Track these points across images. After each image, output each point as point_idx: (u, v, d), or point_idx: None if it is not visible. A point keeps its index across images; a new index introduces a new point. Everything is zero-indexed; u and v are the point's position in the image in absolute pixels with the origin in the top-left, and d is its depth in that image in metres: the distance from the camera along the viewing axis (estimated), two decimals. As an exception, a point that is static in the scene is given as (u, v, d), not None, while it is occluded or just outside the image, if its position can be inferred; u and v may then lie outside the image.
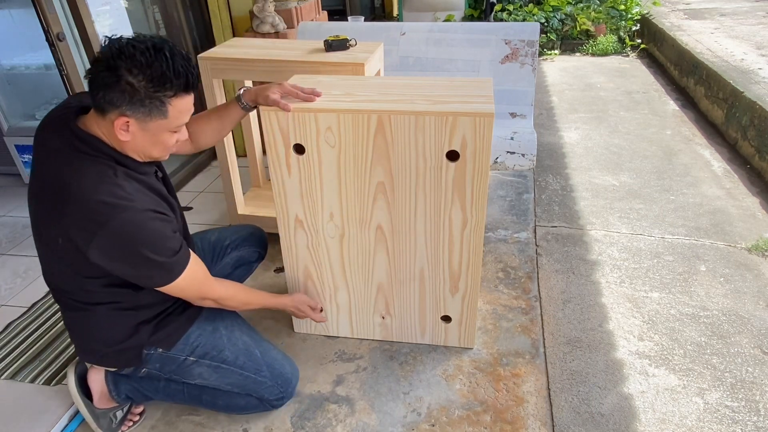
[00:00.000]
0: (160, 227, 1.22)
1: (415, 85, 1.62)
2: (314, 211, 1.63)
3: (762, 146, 2.90)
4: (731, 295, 2.04)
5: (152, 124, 1.17)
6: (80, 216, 1.14)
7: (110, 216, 1.13)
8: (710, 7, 5.88)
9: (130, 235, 1.16)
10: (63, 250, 1.20)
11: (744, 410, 1.59)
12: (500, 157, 2.39)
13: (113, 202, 1.14)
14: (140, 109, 1.14)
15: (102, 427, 1.53)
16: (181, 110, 1.20)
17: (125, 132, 1.17)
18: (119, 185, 1.17)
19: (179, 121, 1.21)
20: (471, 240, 1.59)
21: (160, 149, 1.25)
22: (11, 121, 3.04)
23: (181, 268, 1.27)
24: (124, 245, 1.17)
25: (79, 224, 1.15)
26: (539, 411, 1.60)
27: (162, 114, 1.17)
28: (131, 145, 1.21)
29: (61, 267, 1.28)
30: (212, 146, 1.67)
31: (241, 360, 1.48)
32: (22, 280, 2.25)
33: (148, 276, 1.25)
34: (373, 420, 1.59)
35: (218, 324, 1.51)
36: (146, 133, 1.19)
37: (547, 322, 1.94)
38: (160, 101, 1.15)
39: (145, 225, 1.18)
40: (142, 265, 1.21)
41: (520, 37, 2.55)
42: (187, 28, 3.24)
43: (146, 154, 1.25)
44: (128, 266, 1.22)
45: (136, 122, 1.16)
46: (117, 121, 1.15)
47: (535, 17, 5.38)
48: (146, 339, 1.39)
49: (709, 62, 3.81)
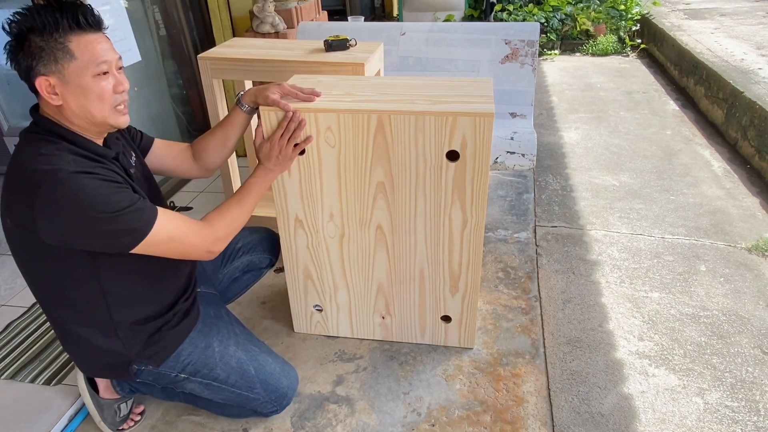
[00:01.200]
0: (97, 182, 1.13)
1: (415, 85, 1.62)
2: (314, 211, 1.63)
3: (762, 146, 2.90)
4: (731, 295, 2.04)
5: (67, 72, 1.12)
6: (18, 190, 1.12)
7: (42, 180, 1.08)
8: (710, 7, 5.88)
9: (62, 195, 1.09)
10: (16, 236, 1.18)
11: (744, 410, 1.59)
12: (500, 157, 2.39)
13: (46, 168, 1.10)
14: (47, 59, 1.10)
15: (106, 420, 1.53)
16: (88, 47, 1.13)
17: (54, 95, 1.14)
18: (56, 155, 1.13)
19: (94, 60, 1.14)
20: (471, 240, 1.59)
21: (96, 102, 1.17)
22: (11, 121, 3.04)
23: (146, 217, 1.18)
24: (64, 208, 1.10)
25: (18, 199, 1.13)
26: (539, 411, 1.60)
27: (68, 55, 1.11)
28: (69, 109, 1.16)
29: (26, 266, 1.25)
30: (220, 164, 1.62)
31: (233, 378, 1.46)
32: (22, 280, 2.24)
33: (107, 235, 1.15)
34: (373, 420, 1.59)
35: (212, 340, 1.47)
36: (70, 86, 1.13)
37: (547, 322, 1.94)
38: (58, 42, 1.10)
39: (78, 183, 1.10)
40: (92, 225, 1.13)
41: (520, 37, 2.55)
42: (187, 28, 3.24)
43: (87, 113, 1.17)
44: (77, 231, 1.13)
45: (55, 79, 1.12)
46: (38, 83, 1.12)
47: (535, 17, 5.38)
48: (134, 355, 1.36)
49: (709, 62, 3.81)
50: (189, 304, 1.47)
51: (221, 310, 1.61)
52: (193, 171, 1.60)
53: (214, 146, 1.58)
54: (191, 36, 3.28)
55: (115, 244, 1.17)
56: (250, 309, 2.05)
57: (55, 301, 1.30)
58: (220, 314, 1.58)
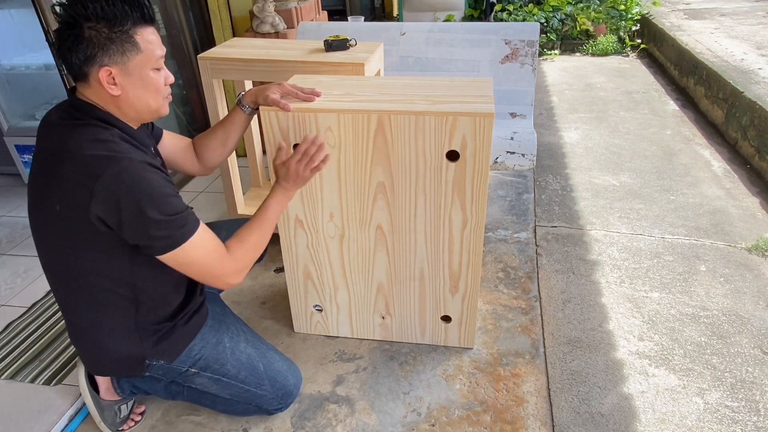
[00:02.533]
0: (160, 181, 1.16)
1: (415, 85, 1.62)
2: (314, 211, 1.63)
3: (762, 146, 2.90)
4: (731, 295, 2.04)
5: (131, 64, 1.15)
6: (75, 173, 1.12)
7: (105, 167, 1.10)
8: (710, 7, 5.88)
9: (127, 185, 1.11)
10: (61, 221, 1.17)
11: (744, 410, 1.59)
12: (500, 157, 2.39)
13: (107, 155, 1.11)
14: (113, 50, 1.12)
15: (106, 421, 1.53)
16: (151, 41, 1.17)
17: (114, 86, 1.15)
18: (114, 142, 1.15)
19: (155, 53, 1.19)
20: (471, 240, 1.59)
21: (153, 93, 1.21)
22: (11, 121, 3.04)
23: (186, 230, 1.19)
24: (122, 196, 1.11)
25: (74, 182, 1.12)
26: (539, 411, 1.60)
27: (135, 48, 1.14)
28: (126, 99, 1.19)
29: (62, 253, 1.24)
30: (220, 163, 1.63)
31: (243, 374, 1.47)
32: (22, 280, 2.25)
33: (152, 236, 1.16)
34: (373, 420, 1.59)
35: (223, 336, 1.49)
36: (132, 78, 1.17)
37: (547, 322, 1.94)
38: (127, 35, 1.13)
39: (142, 175, 1.13)
40: (142, 222, 1.14)
41: (520, 37, 2.55)
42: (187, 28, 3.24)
43: (144, 104, 1.21)
44: (129, 223, 1.14)
45: (118, 70, 1.14)
46: (101, 74, 1.13)
47: (535, 17, 5.38)
48: (149, 350, 1.37)
49: (709, 62, 3.81)
50: (200, 302, 1.49)
51: (226, 308, 1.64)
52: (194, 167, 1.62)
53: (214, 145, 1.59)
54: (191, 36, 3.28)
55: (149, 245, 1.19)
56: (250, 309, 2.05)
57: (81, 292, 1.29)
58: (226, 312, 1.60)
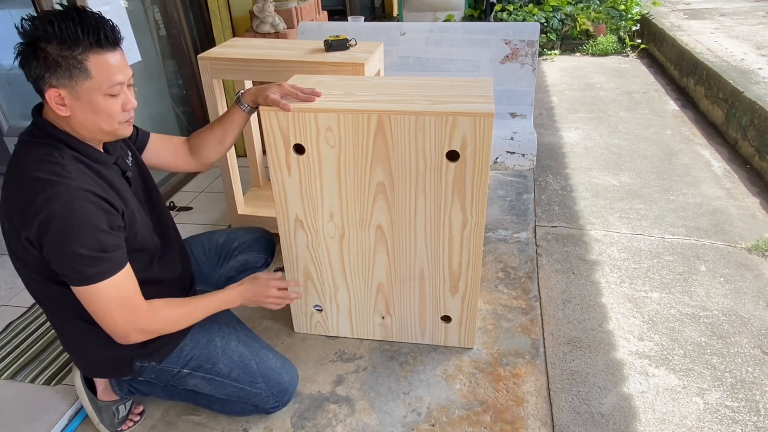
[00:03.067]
0: (93, 212, 1.13)
1: (415, 85, 1.62)
2: (314, 211, 1.63)
3: (762, 146, 2.90)
4: (731, 295, 2.04)
5: (81, 88, 1.12)
6: (16, 194, 1.13)
7: (41, 191, 1.09)
8: (710, 7, 5.88)
9: (53, 211, 1.09)
10: (8, 239, 1.19)
11: (744, 410, 1.59)
12: (500, 157, 2.39)
13: (47, 178, 1.10)
14: (61, 73, 1.09)
15: (104, 421, 1.53)
16: (106, 67, 1.13)
17: (62, 107, 1.13)
18: (61, 164, 1.13)
19: (108, 81, 1.13)
20: (471, 240, 1.59)
21: (105, 118, 1.17)
22: (11, 121, 3.04)
23: (103, 271, 1.15)
24: (48, 222, 1.09)
25: (14, 203, 1.13)
26: (539, 411, 1.60)
27: (84, 74, 1.10)
28: (77, 121, 1.16)
29: (21, 266, 1.24)
30: (217, 160, 1.63)
31: (236, 373, 1.47)
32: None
33: (66, 266, 1.14)
34: (373, 420, 1.59)
35: (214, 334, 1.48)
36: (81, 102, 1.13)
37: (547, 322, 1.94)
38: (76, 59, 1.09)
39: (74, 205, 1.10)
40: (62, 251, 1.11)
41: (520, 37, 2.55)
42: (187, 28, 3.24)
43: (95, 128, 1.18)
44: (51, 251, 1.12)
45: (66, 92, 1.11)
46: (48, 94, 1.11)
47: (535, 17, 5.38)
48: (136, 351, 1.37)
49: (709, 62, 3.81)
50: None
51: None
52: (189, 165, 1.61)
53: (211, 142, 1.59)
54: (191, 36, 3.28)
55: (66, 273, 1.15)
56: (250, 309, 2.05)
57: (57, 302, 1.29)
58: (219, 312, 1.58)
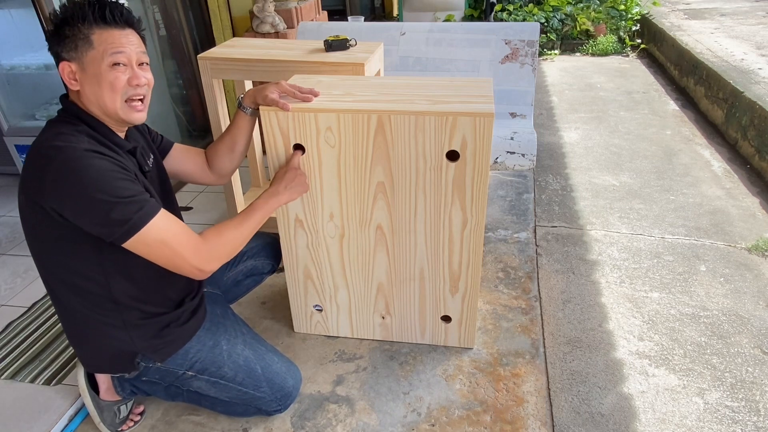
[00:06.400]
0: (108, 165, 1.16)
1: (415, 85, 1.62)
2: (314, 211, 1.63)
3: (762, 146, 2.90)
4: (731, 295, 2.04)
5: (86, 60, 1.18)
6: (31, 165, 1.17)
7: (55, 155, 1.13)
8: (710, 7, 5.88)
9: (72, 171, 1.12)
10: (27, 212, 1.22)
11: (744, 410, 1.59)
12: (500, 157, 2.39)
13: (60, 145, 1.15)
14: (69, 45, 1.18)
15: (105, 421, 1.53)
16: (109, 40, 1.19)
17: (74, 81, 1.20)
18: (73, 135, 1.18)
19: (112, 50, 1.18)
20: (471, 240, 1.59)
21: (108, 91, 1.20)
22: (11, 121, 3.04)
23: (144, 213, 1.17)
24: (69, 182, 1.12)
25: (31, 173, 1.17)
26: (539, 411, 1.60)
27: (88, 44, 1.17)
28: (85, 95, 1.22)
29: (35, 246, 1.27)
30: (232, 170, 1.63)
31: (240, 377, 1.47)
32: (22, 280, 2.25)
33: (99, 222, 1.15)
34: (373, 420, 1.59)
35: (220, 337, 1.48)
36: (87, 74, 1.19)
37: (547, 322, 1.94)
38: (81, 32, 1.17)
39: (89, 162, 1.14)
40: (93, 206, 1.13)
41: (520, 37, 2.55)
42: (187, 28, 3.24)
43: (100, 101, 1.21)
44: (81, 210, 1.14)
45: (75, 65, 1.19)
46: (61, 67, 1.19)
47: (535, 17, 5.38)
48: (139, 346, 1.37)
49: (709, 62, 3.81)
50: (197, 304, 1.48)
51: (227, 310, 1.63)
52: (208, 177, 1.62)
53: (223, 152, 1.59)
54: (191, 36, 3.28)
55: (109, 232, 1.16)
56: (250, 309, 2.05)
57: (64, 286, 1.30)
58: (226, 314, 1.60)
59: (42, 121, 3.05)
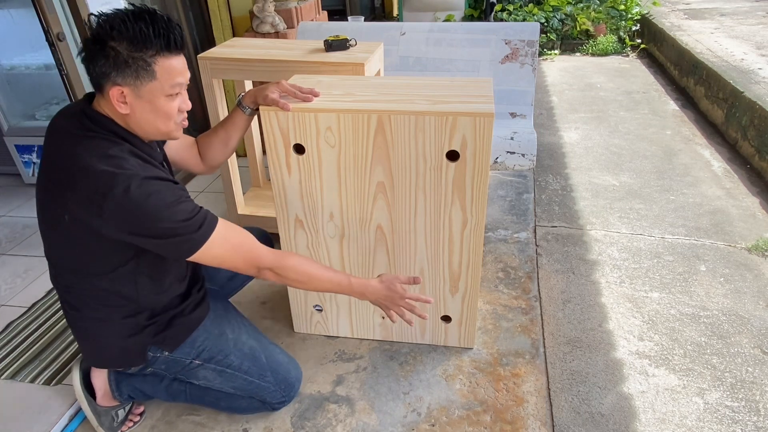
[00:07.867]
0: (167, 191, 1.18)
1: (415, 85, 1.62)
2: (314, 211, 1.63)
3: (762, 146, 2.90)
4: (731, 295, 2.04)
5: (144, 89, 1.16)
6: (84, 189, 1.13)
7: (114, 185, 1.11)
8: (710, 7, 5.88)
9: (135, 201, 1.12)
10: (70, 229, 1.19)
11: (744, 410, 1.59)
12: (500, 157, 2.39)
13: (115, 172, 1.12)
14: (127, 72, 1.13)
15: (103, 425, 1.53)
16: (170, 70, 1.17)
17: (123, 104, 1.16)
18: (123, 158, 1.16)
19: (171, 82, 1.18)
20: (471, 240, 1.59)
21: (164, 118, 1.22)
22: (11, 121, 3.04)
23: (203, 230, 1.21)
24: (133, 213, 1.13)
25: (84, 197, 1.13)
26: (539, 411, 1.60)
27: (150, 75, 1.15)
28: (134, 119, 1.20)
29: (66, 254, 1.26)
30: (222, 162, 1.64)
31: (246, 365, 1.49)
32: (22, 280, 2.25)
33: (171, 244, 1.19)
34: (373, 420, 1.59)
35: (225, 327, 1.51)
36: (142, 100, 1.17)
37: (547, 322, 1.94)
38: (145, 62, 1.13)
39: (150, 190, 1.14)
40: (159, 232, 1.16)
41: (520, 37, 2.55)
42: (187, 28, 3.24)
43: (152, 127, 1.22)
44: (146, 235, 1.17)
45: (129, 90, 1.15)
46: (112, 92, 1.14)
47: (535, 17, 5.37)
48: (150, 339, 1.39)
49: (709, 62, 3.81)
50: (201, 296, 1.50)
51: (229, 304, 1.65)
52: (198, 166, 1.63)
53: (216, 145, 1.60)
54: (191, 36, 3.28)
55: (174, 251, 1.21)
56: (250, 309, 2.05)
57: (83, 294, 1.31)
58: (228, 308, 1.62)
59: (42, 121, 3.05)
